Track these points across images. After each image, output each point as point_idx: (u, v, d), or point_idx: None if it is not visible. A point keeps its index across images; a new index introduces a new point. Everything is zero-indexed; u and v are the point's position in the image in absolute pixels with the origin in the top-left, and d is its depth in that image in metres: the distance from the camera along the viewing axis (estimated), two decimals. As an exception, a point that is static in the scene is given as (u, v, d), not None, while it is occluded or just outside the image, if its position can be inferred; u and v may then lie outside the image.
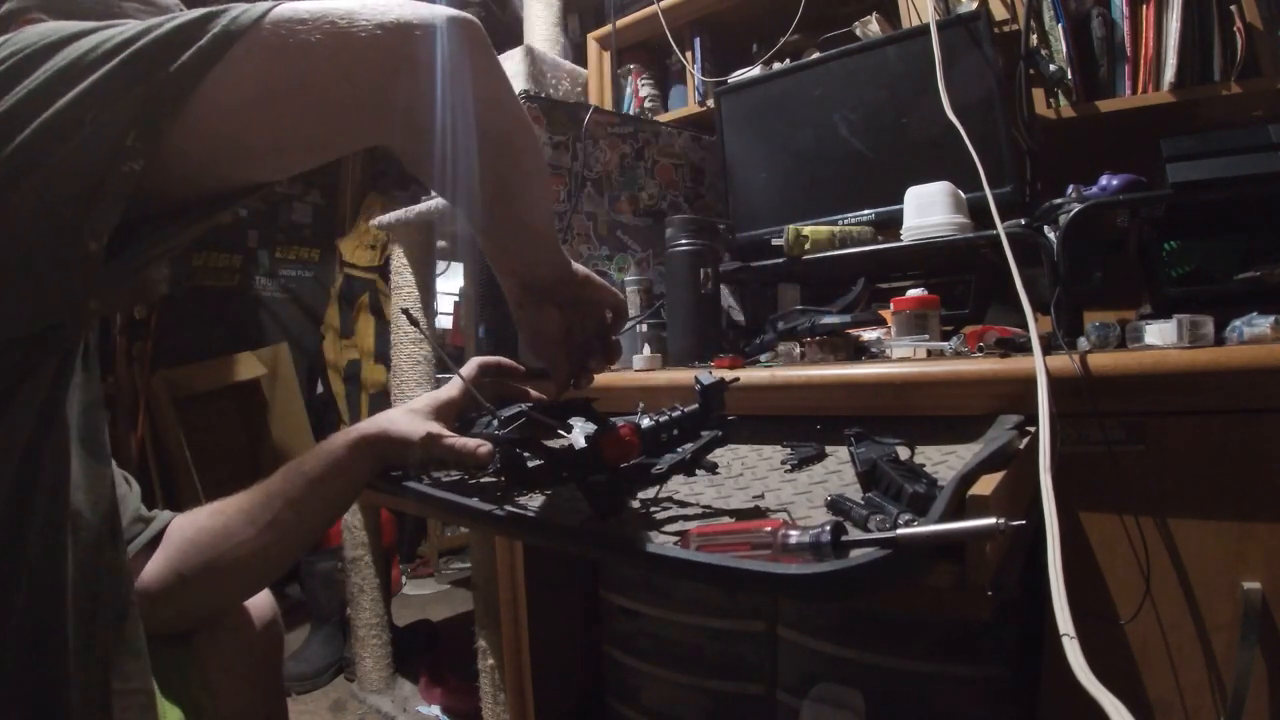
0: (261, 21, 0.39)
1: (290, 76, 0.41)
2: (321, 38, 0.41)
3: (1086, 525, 0.72)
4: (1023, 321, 0.75)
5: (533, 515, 0.55)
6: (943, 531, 0.37)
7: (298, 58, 0.41)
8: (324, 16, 0.41)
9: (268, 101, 0.40)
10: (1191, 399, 0.66)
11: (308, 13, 0.41)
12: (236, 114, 0.39)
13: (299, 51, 0.40)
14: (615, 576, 1.20)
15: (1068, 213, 0.87)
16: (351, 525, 1.99)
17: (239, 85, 0.39)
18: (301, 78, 0.41)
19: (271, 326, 3.07)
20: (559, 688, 1.30)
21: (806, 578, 0.37)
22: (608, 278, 1.31)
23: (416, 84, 0.45)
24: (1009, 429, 0.63)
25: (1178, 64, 1.05)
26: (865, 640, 0.91)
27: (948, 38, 1.09)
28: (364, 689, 1.99)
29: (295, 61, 0.41)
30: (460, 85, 0.48)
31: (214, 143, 0.39)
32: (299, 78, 0.41)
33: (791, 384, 0.83)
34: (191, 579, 0.66)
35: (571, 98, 1.70)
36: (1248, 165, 0.81)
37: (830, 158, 1.25)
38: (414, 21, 0.44)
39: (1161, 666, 0.69)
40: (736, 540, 0.42)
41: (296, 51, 0.40)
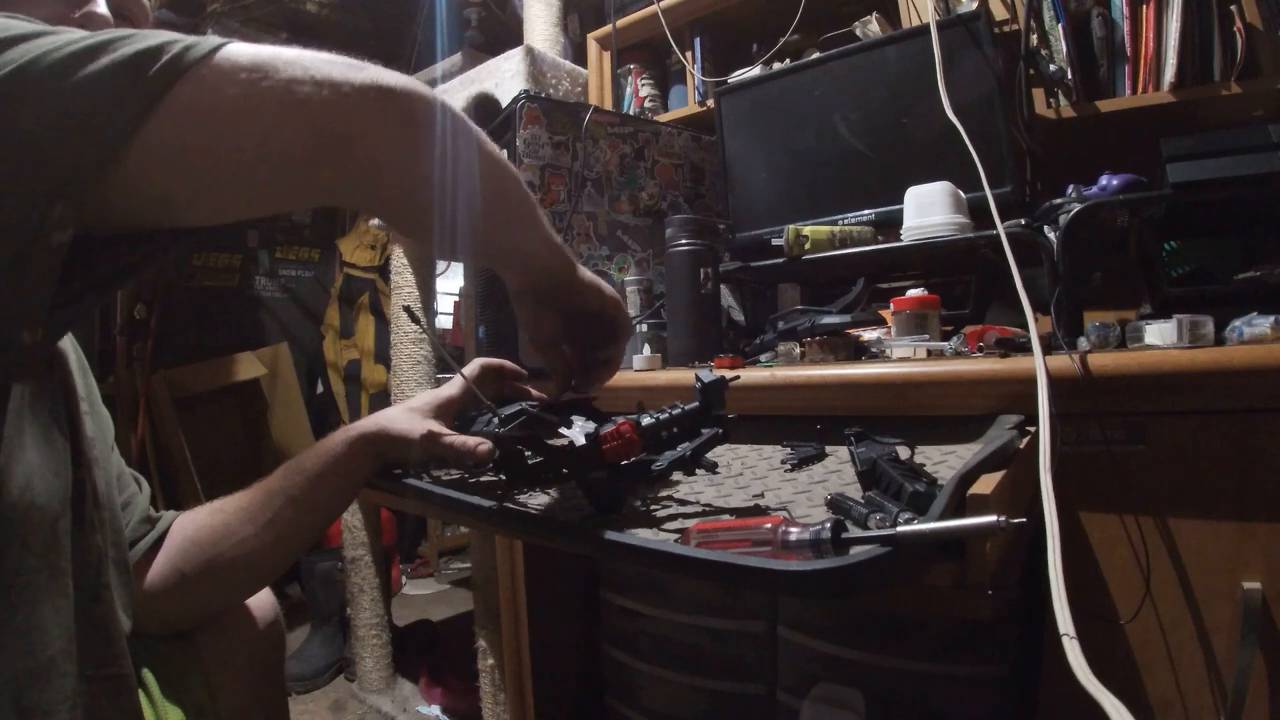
0: (207, 62, 0.37)
1: (239, 140, 0.38)
2: (290, 94, 0.38)
3: (1086, 525, 0.72)
4: (1023, 321, 0.75)
5: (533, 512, 0.55)
6: (943, 529, 0.37)
7: (250, 119, 0.38)
8: (288, 69, 0.38)
9: (211, 162, 0.38)
10: (1191, 399, 0.66)
11: (267, 61, 0.38)
12: (175, 171, 0.37)
13: (254, 111, 0.38)
14: (615, 576, 1.20)
15: (1068, 213, 0.87)
16: (351, 525, 1.99)
17: (178, 142, 0.36)
18: (258, 143, 0.38)
19: (271, 326, 3.07)
20: (559, 688, 1.30)
21: (807, 575, 0.37)
22: (608, 278, 1.31)
23: (402, 166, 0.44)
24: (1009, 429, 0.63)
25: (1178, 64, 1.05)
26: (865, 640, 0.91)
27: (948, 38, 1.08)
28: (364, 689, 1.99)
29: (247, 124, 0.38)
30: (443, 160, 0.46)
31: (149, 196, 0.38)
32: (254, 143, 0.38)
33: (791, 384, 0.83)
34: (192, 577, 0.66)
35: (571, 98, 1.70)
36: (1248, 165, 0.81)
37: (830, 158, 1.25)
38: (399, 90, 0.43)
39: (1161, 666, 0.69)
40: (737, 537, 0.42)
41: (250, 111, 0.38)
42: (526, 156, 1.22)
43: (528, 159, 1.22)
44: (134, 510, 0.67)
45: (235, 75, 0.37)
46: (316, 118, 0.39)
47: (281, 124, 0.39)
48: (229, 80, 0.37)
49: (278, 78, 0.38)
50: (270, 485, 0.70)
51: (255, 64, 0.38)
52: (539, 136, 1.23)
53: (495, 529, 0.58)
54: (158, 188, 0.37)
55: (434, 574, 3.08)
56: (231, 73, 0.37)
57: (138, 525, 0.67)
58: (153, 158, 0.36)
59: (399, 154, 0.44)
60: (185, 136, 0.36)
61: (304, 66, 0.39)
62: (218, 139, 0.38)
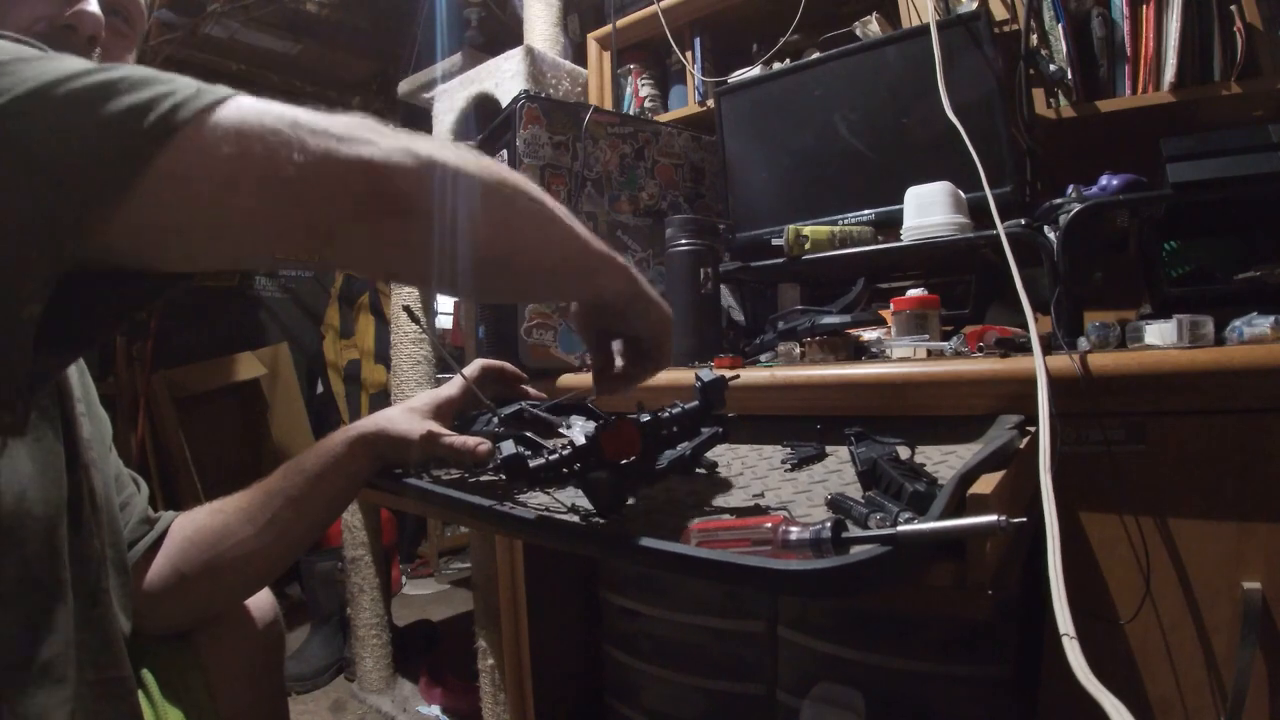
0: (198, 125, 0.35)
1: (223, 215, 0.37)
2: (288, 164, 0.36)
3: (1086, 525, 0.72)
4: (1023, 321, 0.75)
5: (532, 512, 0.55)
6: (944, 529, 0.37)
7: (235, 195, 0.36)
8: (277, 138, 0.36)
9: (197, 231, 0.37)
10: (1191, 399, 0.66)
11: (257, 127, 0.36)
12: (159, 237, 0.36)
13: (237, 188, 0.36)
14: (615, 576, 1.20)
15: (1068, 213, 0.87)
16: (351, 525, 1.99)
17: (160, 214, 0.35)
18: (243, 219, 0.37)
19: (271, 326, 3.08)
20: (559, 688, 1.30)
21: (807, 574, 0.37)
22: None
23: (393, 258, 0.42)
24: (1009, 429, 0.63)
25: (1178, 64, 1.05)
26: (865, 640, 0.91)
27: (948, 38, 1.08)
28: (364, 689, 1.99)
29: (230, 200, 0.36)
30: (453, 233, 0.42)
31: (135, 253, 0.37)
32: (240, 218, 0.37)
33: (791, 384, 0.83)
34: (192, 577, 0.66)
35: (571, 98, 1.70)
36: (1248, 165, 0.81)
37: (830, 158, 1.25)
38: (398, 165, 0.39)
39: (1161, 666, 0.69)
40: (737, 536, 0.42)
41: (234, 187, 0.36)
42: (526, 156, 1.22)
43: (528, 159, 1.22)
44: (133, 510, 0.67)
45: (222, 145, 0.35)
46: (296, 208, 0.38)
47: (264, 207, 0.37)
48: (216, 149, 0.35)
49: (266, 146, 0.36)
50: (270, 485, 0.70)
51: (243, 131, 0.36)
52: (539, 136, 1.23)
53: (495, 529, 0.58)
54: (143, 249, 0.37)
55: (434, 574, 3.08)
56: (221, 139, 0.35)
57: (136, 526, 0.67)
58: (135, 224, 0.35)
59: (389, 249, 0.42)
60: (167, 211, 0.35)
61: (297, 134, 0.37)
62: (201, 212, 0.36)
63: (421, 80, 2.16)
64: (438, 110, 1.83)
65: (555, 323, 1.23)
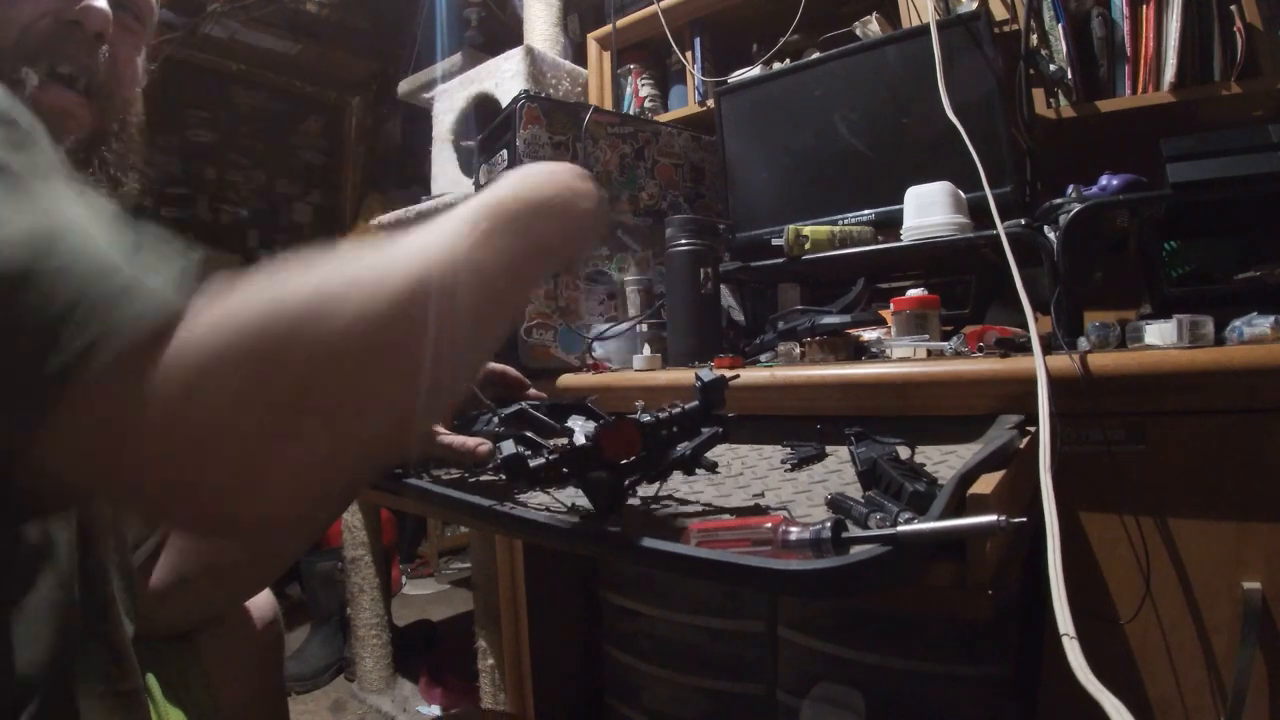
0: (127, 369, 0.26)
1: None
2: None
3: (1086, 525, 0.72)
4: (1023, 321, 0.75)
5: (532, 512, 0.55)
6: (944, 528, 0.37)
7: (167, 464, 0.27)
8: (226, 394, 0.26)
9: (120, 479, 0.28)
10: (1191, 399, 0.66)
11: (202, 380, 0.26)
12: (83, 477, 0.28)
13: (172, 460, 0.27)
14: (615, 576, 1.20)
15: (1068, 213, 0.87)
16: (351, 525, 1.99)
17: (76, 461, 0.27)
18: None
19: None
20: (559, 688, 1.30)
21: (807, 574, 0.36)
22: (607, 277, 1.31)
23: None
24: (1009, 429, 0.63)
25: (1178, 64, 1.05)
26: (865, 640, 0.91)
27: (948, 38, 1.08)
28: (364, 689, 1.99)
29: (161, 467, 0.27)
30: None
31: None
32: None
33: (791, 384, 0.83)
34: (193, 580, 0.66)
35: (571, 98, 1.70)
36: (1248, 165, 0.81)
37: (830, 158, 1.25)
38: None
39: (1161, 666, 0.69)
40: (737, 536, 0.42)
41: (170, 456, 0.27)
42: (526, 156, 1.22)
43: (528, 159, 1.22)
44: None
45: (155, 400, 0.26)
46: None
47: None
48: (145, 403, 0.26)
49: (212, 409, 0.27)
50: None
51: (186, 385, 0.26)
52: (539, 136, 1.23)
53: (495, 529, 0.58)
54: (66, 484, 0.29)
55: (434, 574, 3.08)
56: (154, 393, 0.26)
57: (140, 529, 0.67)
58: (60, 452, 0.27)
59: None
60: (85, 460, 0.27)
61: (245, 391, 0.27)
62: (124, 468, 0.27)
63: (421, 80, 2.16)
64: (438, 110, 1.84)
65: (555, 323, 1.23)
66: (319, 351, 0.28)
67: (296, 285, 0.29)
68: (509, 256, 0.36)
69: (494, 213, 0.37)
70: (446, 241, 0.34)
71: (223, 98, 2.95)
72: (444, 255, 0.33)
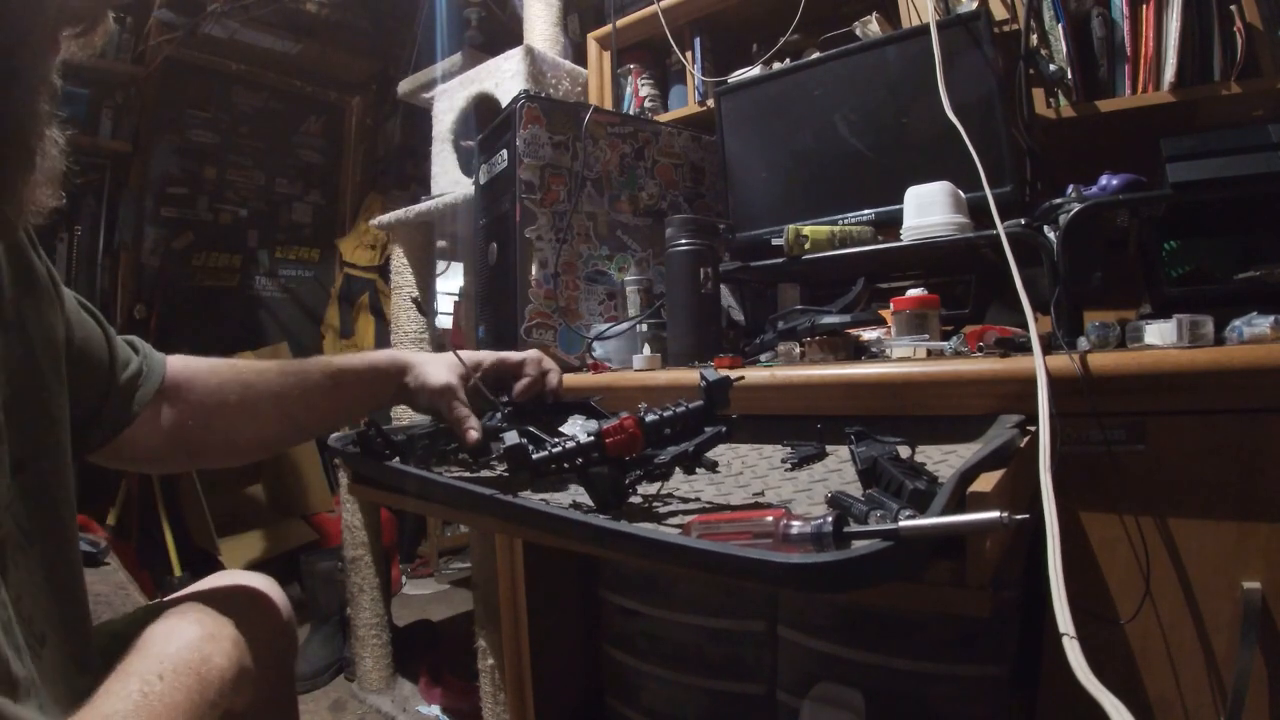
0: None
1: None
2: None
3: (1086, 525, 0.72)
4: (1023, 321, 0.75)
5: (533, 504, 0.55)
6: (946, 524, 0.37)
7: None
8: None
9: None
10: (1191, 399, 0.66)
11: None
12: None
13: None
14: (615, 576, 1.20)
15: (1068, 213, 0.87)
16: (351, 525, 1.99)
17: None
18: None
19: (271, 326, 3.08)
20: (559, 688, 1.30)
21: (808, 568, 0.36)
22: (607, 277, 1.31)
23: None
24: (1009, 428, 0.63)
25: (1178, 64, 1.05)
26: (865, 640, 0.91)
27: (948, 38, 1.08)
28: (364, 689, 1.99)
29: None
30: None
31: None
32: None
33: (791, 384, 0.83)
34: (196, 429, 0.69)
35: (571, 98, 1.70)
36: (1248, 165, 0.81)
37: (830, 158, 1.25)
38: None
39: (1161, 666, 0.69)
40: (738, 529, 0.42)
41: None
42: (526, 156, 1.22)
43: (528, 159, 1.22)
44: (118, 369, 0.65)
45: None
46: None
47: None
48: None
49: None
50: (302, 367, 0.73)
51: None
52: (539, 136, 1.23)
53: (495, 519, 0.58)
54: None
55: (434, 574, 3.08)
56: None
57: (129, 382, 0.66)
58: None
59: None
60: None
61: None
62: None
63: (421, 80, 2.16)
64: (438, 110, 1.84)
65: (555, 323, 1.23)
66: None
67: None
68: None
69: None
70: None
71: (223, 98, 2.95)
72: None
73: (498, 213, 1.30)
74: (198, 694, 0.47)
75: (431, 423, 0.81)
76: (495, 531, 1.35)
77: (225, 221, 3.01)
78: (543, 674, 1.27)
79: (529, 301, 1.21)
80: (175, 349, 0.73)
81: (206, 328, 2.85)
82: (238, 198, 3.04)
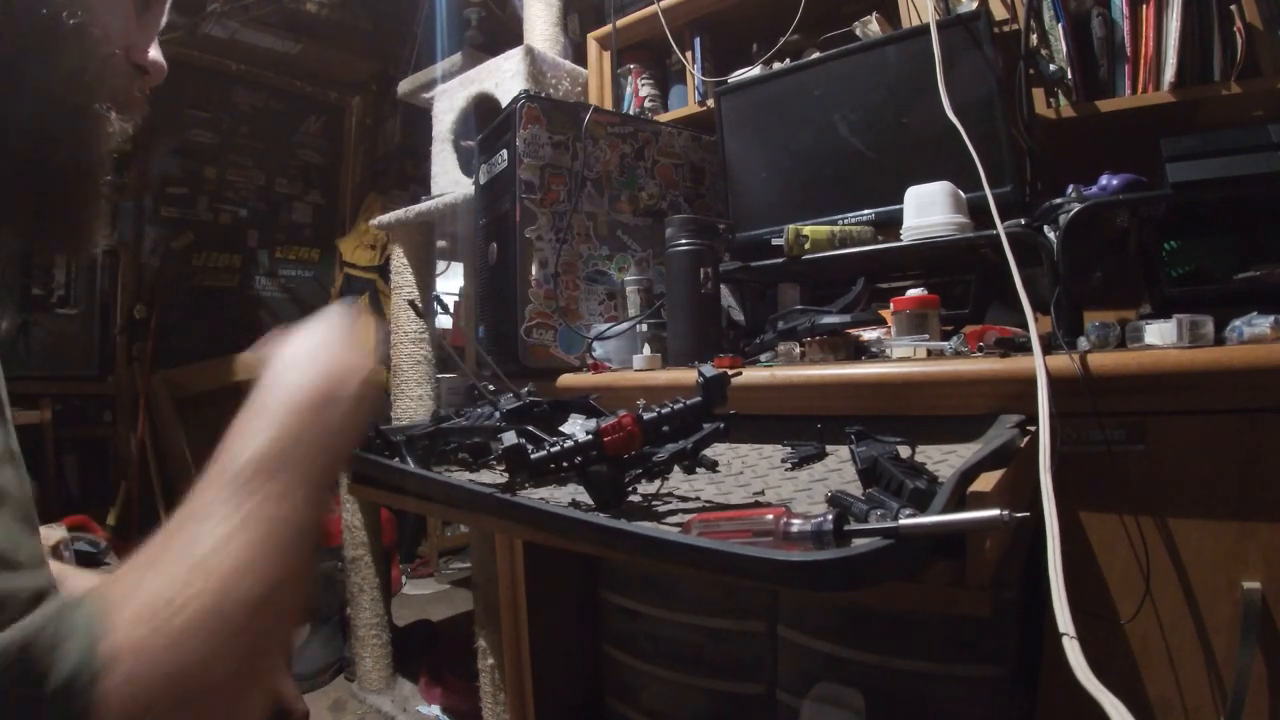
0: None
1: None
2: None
3: (1086, 525, 0.72)
4: (1023, 321, 0.75)
5: (532, 503, 0.55)
6: (946, 522, 0.37)
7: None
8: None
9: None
10: (1191, 399, 0.66)
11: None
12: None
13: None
14: (615, 576, 1.20)
15: (1068, 213, 0.87)
16: (351, 525, 1.99)
17: None
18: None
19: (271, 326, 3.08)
20: (559, 688, 1.30)
21: (808, 565, 0.36)
22: (607, 277, 1.31)
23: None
24: (1009, 428, 0.63)
25: (1178, 64, 1.05)
26: (865, 640, 0.91)
27: (948, 38, 1.08)
28: (364, 689, 1.99)
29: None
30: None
31: None
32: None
33: (791, 384, 0.83)
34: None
35: (571, 97, 1.70)
36: (1248, 165, 0.81)
37: (830, 158, 1.25)
38: None
39: (1161, 666, 0.69)
40: (738, 527, 0.42)
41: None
42: (526, 156, 1.22)
43: (528, 159, 1.22)
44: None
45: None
46: None
47: None
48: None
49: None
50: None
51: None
52: (539, 136, 1.23)
53: (495, 519, 0.58)
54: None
55: (434, 574, 3.08)
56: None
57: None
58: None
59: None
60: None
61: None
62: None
63: (421, 80, 2.16)
64: (438, 110, 1.84)
65: (555, 323, 1.23)
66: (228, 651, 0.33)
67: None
68: (290, 503, 0.40)
69: (261, 471, 0.40)
70: (229, 533, 0.37)
71: (223, 98, 2.95)
72: (240, 553, 0.36)
73: (498, 213, 1.30)
74: None
75: (431, 423, 0.81)
76: (495, 531, 1.35)
77: (225, 221, 3.01)
78: (543, 674, 1.27)
79: (529, 301, 1.21)
80: (176, 349, 0.71)
81: (206, 328, 2.85)
82: (238, 198, 3.04)
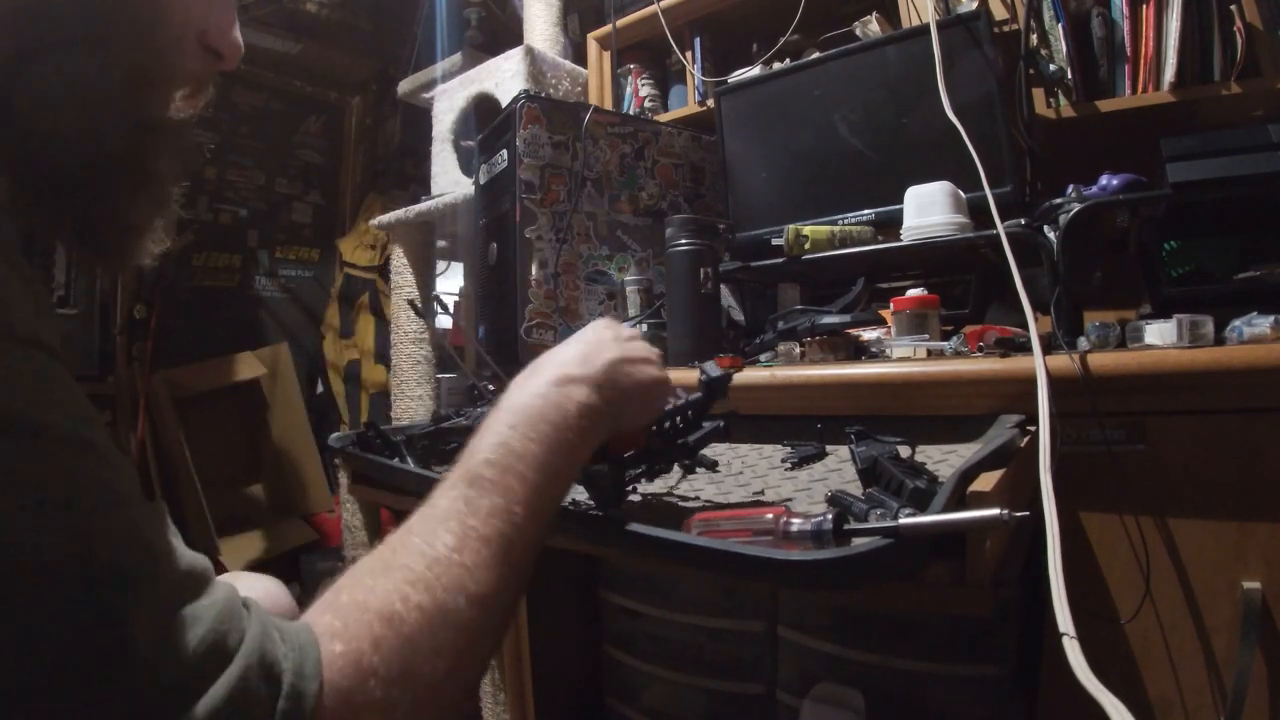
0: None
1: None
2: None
3: (1086, 525, 0.72)
4: (1023, 321, 0.75)
5: None
6: (946, 521, 0.37)
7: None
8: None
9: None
10: (1191, 399, 0.66)
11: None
12: None
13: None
14: (615, 576, 1.20)
15: (1068, 213, 0.87)
16: (351, 525, 1.99)
17: None
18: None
19: (271, 326, 3.07)
20: (559, 688, 1.30)
21: (808, 564, 0.36)
22: (607, 277, 1.31)
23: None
24: (1009, 428, 0.63)
25: (1178, 64, 1.05)
26: (865, 640, 0.91)
27: (948, 38, 1.08)
28: (363, 689, 1.99)
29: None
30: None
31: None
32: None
33: (791, 384, 0.83)
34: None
35: (571, 98, 1.70)
36: (1248, 165, 0.81)
37: (830, 158, 1.25)
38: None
39: (1161, 666, 0.69)
40: (738, 526, 0.42)
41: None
42: (526, 156, 1.22)
43: (528, 159, 1.22)
44: None
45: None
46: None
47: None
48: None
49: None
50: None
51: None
52: (539, 136, 1.23)
53: None
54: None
55: (434, 574, 3.08)
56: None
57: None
58: None
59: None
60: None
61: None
62: None
63: (421, 80, 2.16)
64: (438, 110, 1.84)
65: (555, 323, 1.23)
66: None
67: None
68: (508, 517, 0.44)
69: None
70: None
71: (223, 98, 2.95)
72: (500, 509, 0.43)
73: (498, 213, 1.30)
74: None
75: (431, 423, 0.81)
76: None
77: (225, 221, 3.01)
78: (543, 674, 1.27)
79: (529, 301, 1.21)
80: (176, 349, 0.71)
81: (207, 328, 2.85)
82: (238, 198, 3.04)
